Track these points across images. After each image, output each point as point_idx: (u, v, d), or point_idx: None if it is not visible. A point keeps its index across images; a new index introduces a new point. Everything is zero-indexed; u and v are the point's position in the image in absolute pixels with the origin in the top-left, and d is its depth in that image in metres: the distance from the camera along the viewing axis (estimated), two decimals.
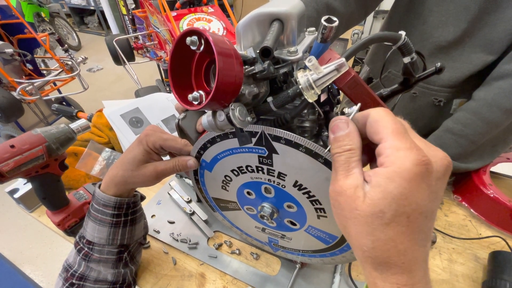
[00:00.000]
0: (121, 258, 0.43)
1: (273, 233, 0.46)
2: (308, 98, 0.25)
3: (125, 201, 0.40)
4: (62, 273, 0.42)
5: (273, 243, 0.48)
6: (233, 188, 0.41)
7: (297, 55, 0.29)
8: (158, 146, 0.38)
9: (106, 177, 0.40)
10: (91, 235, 0.40)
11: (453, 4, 0.55)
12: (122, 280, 0.44)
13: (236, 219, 0.49)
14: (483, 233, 0.57)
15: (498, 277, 0.45)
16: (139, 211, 0.44)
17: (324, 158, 0.29)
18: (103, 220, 0.40)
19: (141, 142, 0.38)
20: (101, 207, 0.39)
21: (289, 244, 0.46)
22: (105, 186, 0.39)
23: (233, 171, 0.38)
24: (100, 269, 0.42)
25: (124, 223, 0.41)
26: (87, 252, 0.41)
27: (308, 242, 0.42)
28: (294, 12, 0.28)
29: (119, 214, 0.40)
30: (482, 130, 0.56)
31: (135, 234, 0.44)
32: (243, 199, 0.43)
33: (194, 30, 0.23)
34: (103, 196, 0.39)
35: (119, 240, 0.41)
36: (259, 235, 0.49)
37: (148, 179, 0.38)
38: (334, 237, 0.38)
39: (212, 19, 1.87)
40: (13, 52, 1.71)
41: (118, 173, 0.38)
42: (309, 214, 0.37)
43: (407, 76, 0.31)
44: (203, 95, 0.25)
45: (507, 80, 0.53)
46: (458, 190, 0.66)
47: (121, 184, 0.39)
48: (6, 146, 0.42)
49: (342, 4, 0.57)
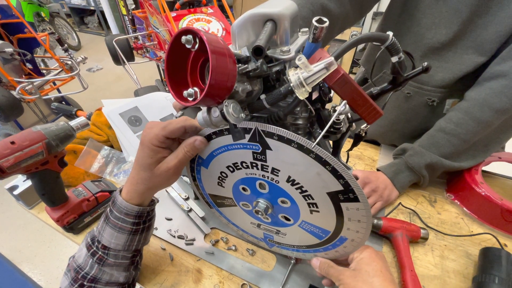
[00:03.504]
0: (134, 261, 0.44)
1: (268, 229, 0.47)
2: (299, 96, 0.26)
3: (146, 210, 0.40)
4: (69, 272, 0.41)
5: (269, 239, 0.49)
6: (229, 184, 0.42)
7: (289, 54, 0.30)
8: (162, 138, 0.35)
9: (129, 185, 0.38)
10: (108, 241, 0.40)
11: (446, 7, 0.56)
12: (131, 280, 0.45)
13: (232, 215, 0.50)
14: (474, 231, 0.58)
15: (488, 272, 0.46)
16: (154, 217, 0.45)
17: (315, 153, 0.30)
18: (123, 228, 0.39)
19: (144, 144, 0.35)
20: (122, 215, 0.39)
21: (284, 239, 0.47)
22: (127, 195, 0.38)
23: (229, 167, 0.39)
24: (113, 273, 0.41)
25: (141, 230, 0.41)
26: (101, 256, 0.40)
27: (302, 237, 0.43)
28: (287, 13, 0.30)
29: (139, 223, 0.40)
30: (474, 129, 0.57)
31: (147, 239, 0.45)
32: (239, 195, 0.44)
33: (189, 29, 0.24)
34: (126, 205, 0.38)
35: (135, 246, 0.42)
36: (254, 231, 0.50)
37: (167, 178, 0.37)
38: (327, 232, 0.39)
39: (211, 20, 1.89)
40: (13, 51, 1.71)
41: (138, 184, 0.37)
42: (302, 209, 0.38)
43: (395, 75, 0.32)
44: (197, 91, 0.26)
45: (498, 80, 0.54)
46: (451, 189, 0.67)
47: (144, 191, 0.38)
48: (6, 142, 0.43)
49: (337, 5, 0.59)
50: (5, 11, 1.99)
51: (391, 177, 0.64)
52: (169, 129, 0.35)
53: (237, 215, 0.49)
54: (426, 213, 0.62)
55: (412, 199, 0.66)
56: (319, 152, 0.29)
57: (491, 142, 0.61)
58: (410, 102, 0.69)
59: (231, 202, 0.46)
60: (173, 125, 0.35)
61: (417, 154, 0.62)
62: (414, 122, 0.71)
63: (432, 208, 0.64)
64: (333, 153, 0.40)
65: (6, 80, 1.72)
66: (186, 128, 0.35)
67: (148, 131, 0.35)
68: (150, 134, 0.35)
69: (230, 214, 0.50)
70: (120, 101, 0.80)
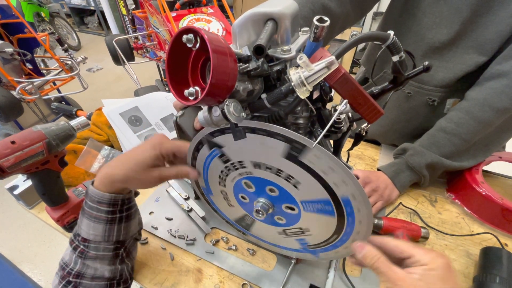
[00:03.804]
0: (118, 254, 0.43)
1: (294, 232, 0.45)
2: (300, 95, 0.26)
3: (119, 198, 0.40)
4: (59, 271, 0.42)
5: (305, 246, 0.46)
6: (234, 200, 0.44)
7: (290, 54, 0.30)
8: (171, 153, 0.41)
9: (101, 175, 0.39)
10: (86, 232, 0.40)
11: (446, 6, 0.56)
12: (119, 276, 0.44)
13: (263, 234, 0.50)
14: (475, 230, 0.58)
15: (489, 272, 0.46)
16: (133, 207, 0.45)
17: (265, 130, 0.31)
18: (98, 217, 0.40)
19: (155, 148, 0.39)
20: (95, 204, 0.39)
21: (313, 237, 0.44)
22: (99, 183, 0.39)
23: (219, 183, 0.42)
24: (96, 266, 0.41)
25: (119, 220, 0.41)
26: (82, 249, 0.40)
27: (319, 222, 0.41)
28: (287, 12, 0.29)
29: (114, 211, 0.40)
30: (475, 129, 0.57)
31: (130, 230, 0.44)
32: (244, 206, 0.44)
33: (190, 28, 0.24)
34: (97, 193, 0.39)
35: (115, 237, 0.42)
36: (289, 243, 0.47)
37: (151, 182, 0.40)
38: (327, 202, 0.37)
39: (211, 20, 1.89)
40: (13, 51, 1.71)
41: (118, 172, 0.38)
42: (291, 190, 0.37)
43: (396, 74, 0.32)
44: (198, 90, 0.26)
45: (499, 80, 0.54)
46: (452, 188, 0.67)
47: (119, 182, 0.39)
48: (7, 142, 0.43)
49: (338, 5, 0.59)
50: (5, 11, 1.98)
51: (392, 177, 0.64)
52: (182, 150, 0.41)
53: (263, 230, 0.49)
54: (427, 212, 0.62)
55: (413, 199, 0.66)
56: (286, 134, 0.30)
57: (492, 141, 0.61)
58: (410, 101, 0.69)
59: (249, 218, 0.47)
60: (184, 149, 0.41)
61: (417, 154, 0.62)
62: (414, 121, 0.71)
63: (432, 207, 0.64)
64: (334, 153, 0.40)
65: (6, 80, 1.72)
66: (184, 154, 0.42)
67: (163, 140, 0.41)
68: (164, 145, 0.40)
69: (263, 235, 0.50)
70: (120, 101, 0.80)
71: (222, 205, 0.49)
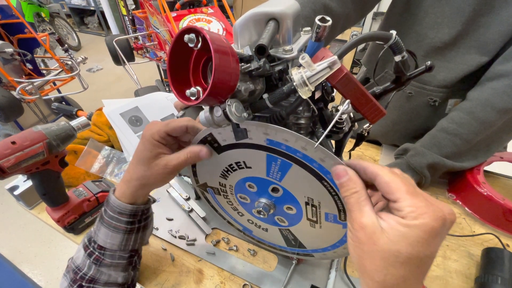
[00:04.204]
0: (132, 262, 0.43)
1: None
2: (302, 95, 0.26)
3: (140, 209, 0.40)
4: (68, 274, 0.41)
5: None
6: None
7: (292, 54, 0.30)
8: (163, 134, 0.35)
9: (122, 184, 0.39)
10: (103, 240, 0.40)
11: (448, 6, 0.56)
12: (131, 281, 0.45)
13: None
14: (476, 231, 0.58)
15: (490, 273, 0.46)
16: (150, 216, 0.44)
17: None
18: (118, 227, 0.39)
19: (145, 138, 0.36)
20: (116, 214, 0.39)
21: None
22: (120, 193, 0.39)
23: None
24: (111, 273, 0.41)
25: (137, 230, 0.41)
26: (98, 256, 0.40)
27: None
28: (289, 12, 0.29)
29: (134, 222, 0.40)
30: (476, 129, 0.57)
31: (145, 239, 0.44)
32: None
33: (192, 28, 0.24)
34: (119, 204, 0.38)
35: (131, 246, 0.41)
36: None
37: (163, 175, 0.36)
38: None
39: (211, 20, 1.89)
40: (13, 51, 1.71)
41: (132, 180, 0.37)
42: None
43: (398, 74, 0.32)
44: (200, 91, 0.26)
45: (501, 80, 0.54)
46: (453, 189, 0.67)
47: (137, 189, 0.38)
48: (7, 142, 0.43)
49: (339, 5, 0.58)
50: (5, 11, 1.98)
51: None
52: (171, 126, 0.35)
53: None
54: None
55: None
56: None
57: (493, 142, 0.61)
58: (412, 102, 0.69)
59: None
60: (176, 123, 0.35)
61: (418, 154, 0.62)
62: (415, 122, 0.71)
63: None
64: (335, 153, 0.40)
65: (6, 81, 1.72)
66: (188, 128, 0.36)
67: (151, 127, 0.36)
68: (152, 129, 0.35)
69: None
70: (121, 101, 0.80)
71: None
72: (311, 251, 0.44)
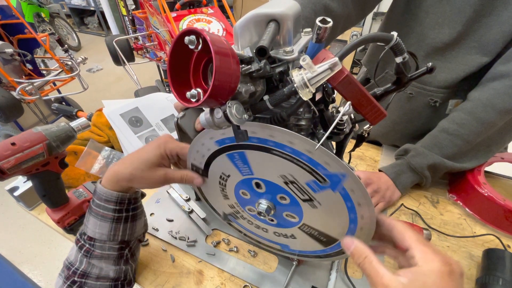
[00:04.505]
0: (122, 254, 0.44)
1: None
2: (303, 96, 0.26)
3: (126, 196, 0.41)
4: (62, 272, 0.42)
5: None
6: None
7: (292, 55, 0.30)
8: (175, 154, 0.41)
9: (108, 173, 0.40)
10: (92, 231, 0.41)
11: (449, 7, 0.56)
12: (124, 276, 0.45)
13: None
14: (477, 232, 0.58)
15: (491, 274, 0.46)
16: (139, 208, 0.45)
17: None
18: (105, 216, 0.40)
19: (160, 147, 0.40)
20: (103, 202, 0.40)
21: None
22: (106, 182, 0.40)
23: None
24: (102, 266, 0.42)
25: (125, 219, 0.42)
26: (88, 248, 0.41)
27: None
28: (290, 13, 0.29)
29: (121, 209, 0.41)
30: (477, 130, 0.57)
31: (135, 231, 0.45)
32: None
33: (192, 30, 0.24)
34: (105, 191, 0.39)
35: (120, 236, 0.42)
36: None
37: (156, 182, 0.40)
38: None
39: (211, 20, 1.88)
40: (13, 52, 1.71)
41: (125, 171, 0.39)
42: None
43: (399, 75, 0.32)
44: (200, 92, 0.26)
45: (501, 81, 0.54)
46: (453, 189, 0.67)
47: (125, 181, 0.39)
48: (7, 143, 0.42)
49: (340, 6, 0.58)
50: (5, 11, 1.98)
51: (393, 178, 0.63)
52: (183, 152, 0.41)
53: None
54: (429, 214, 0.62)
55: (415, 200, 0.65)
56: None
57: (494, 142, 0.61)
58: (412, 102, 0.69)
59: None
60: (185, 150, 0.41)
61: (419, 155, 0.62)
62: (416, 122, 0.71)
63: (434, 209, 0.63)
64: (336, 154, 0.40)
65: (6, 81, 1.72)
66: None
67: (168, 140, 0.41)
68: (169, 144, 0.40)
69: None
70: (121, 101, 0.80)
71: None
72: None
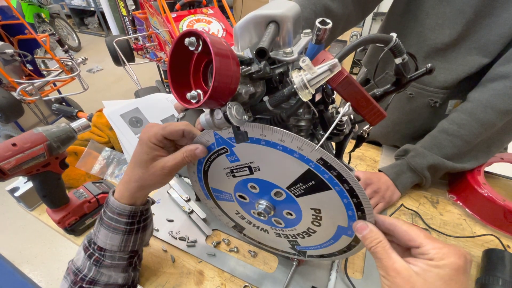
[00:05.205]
0: (131, 262, 0.43)
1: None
2: (303, 97, 0.26)
3: (139, 209, 0.40)
4: (68, 276, 0.42)
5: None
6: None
7: (292, 56, 0.30)
8: (160, 137, 0.35)
9: (121, 185, 0.39)
10: (103, 242, 0.40)
11: (449, 8, 0.56)
12: (131, 282, 0.45)
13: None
14: (477, 232, 0.58)
15: (491, 274, 0.46)
16: (149, 217, 0.44)
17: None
18: (117, 228, 0.39)
19: (142, 140, 0.36)
20: (115, 215, 0.39)
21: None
22: (119, 194, 0.39)
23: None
24: (111, 274, 0.41)
25: (136, 230, 0.41)
26: (98, 258, 0.40)
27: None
28: (289, 15, 0.29)
29: (133, 222, 0.40)
30: (477, 130, 0.57)
31: (144, 240, 0.44)
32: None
33: (192, 32, 0.24)
34: (118, 205, 0.38)
35: (131, 247, 0.42)
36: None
37: (160, 177, 0.37)
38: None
39: (211, 21, 1.89)
40: (13, 52, 1.71)
41: (130, 181, 0.38)
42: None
43: (399, 76, 0.32)
44: (201, 94, 0.26)
45: (501, 82, 0.54)
46: (453, 190, 0.67)
47: (136, 191, 0.38)
48: (8, 144, 0.43)
49: (340, 6, 0.58)
50: (6, 12, 1.98)
51: (393, 178, 0.64)
52: (168, 130, 0.35)
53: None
54: (428, 214, 0.62)
55: (414, 200, 0.65)
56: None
57: (494, 143, 0.61)
58: (412, 103, 0.69)
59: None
60: (173, 127, 0.35)
61: (419, 155, 0.62)
62: (416, 123, 0.71)
63: (434, 209, 0.63)
64: (336, 155, 0.40)
65: (6, 81, 1.72)
66: (185, 132, 0.36)
67: (148, 129, 0.36)
68: (150, 132, 0.36)
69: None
70: (121, 102, 0.80)
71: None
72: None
